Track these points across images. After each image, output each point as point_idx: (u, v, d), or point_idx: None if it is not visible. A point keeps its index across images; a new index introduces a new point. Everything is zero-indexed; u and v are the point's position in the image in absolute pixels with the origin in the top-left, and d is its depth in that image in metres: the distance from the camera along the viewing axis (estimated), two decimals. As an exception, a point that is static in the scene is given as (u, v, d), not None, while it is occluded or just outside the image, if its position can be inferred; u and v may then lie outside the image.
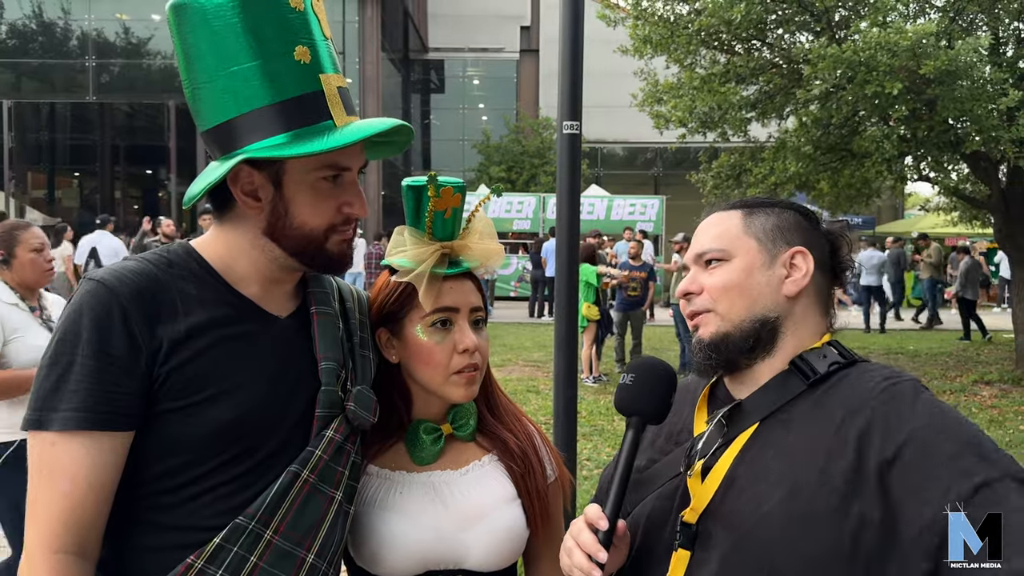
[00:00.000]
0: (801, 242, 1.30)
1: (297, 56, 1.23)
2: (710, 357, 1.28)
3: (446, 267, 1.47)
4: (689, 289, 1.32)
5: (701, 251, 1.32)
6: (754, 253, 1.29)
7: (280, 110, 1.23)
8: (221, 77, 1.23)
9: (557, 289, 3.76)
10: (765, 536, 1.12)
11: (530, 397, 8.82)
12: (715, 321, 1.28)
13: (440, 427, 1.52)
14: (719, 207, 1.38)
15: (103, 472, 1.19)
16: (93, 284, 1.22)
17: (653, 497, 1.31)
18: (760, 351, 1.26)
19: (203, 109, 1.27)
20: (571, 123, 3.59)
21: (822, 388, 1.21)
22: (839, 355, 1.25)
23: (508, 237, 21.12)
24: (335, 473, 1.34)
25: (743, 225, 1.31)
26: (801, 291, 1.27)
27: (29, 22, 25.42)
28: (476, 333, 1.49)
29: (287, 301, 1.39)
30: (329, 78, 1.27)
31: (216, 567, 1.22)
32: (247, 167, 1.26)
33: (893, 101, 8.93)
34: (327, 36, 1.31)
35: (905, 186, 15.73)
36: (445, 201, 1.46)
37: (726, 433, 1.26)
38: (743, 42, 10.83)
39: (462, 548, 1.45)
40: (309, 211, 1.28)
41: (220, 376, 1.24)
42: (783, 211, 1.33)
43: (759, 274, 1.27)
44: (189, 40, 1.24)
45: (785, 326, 1.27)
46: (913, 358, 12.39)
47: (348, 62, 25.14)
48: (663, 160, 31.12)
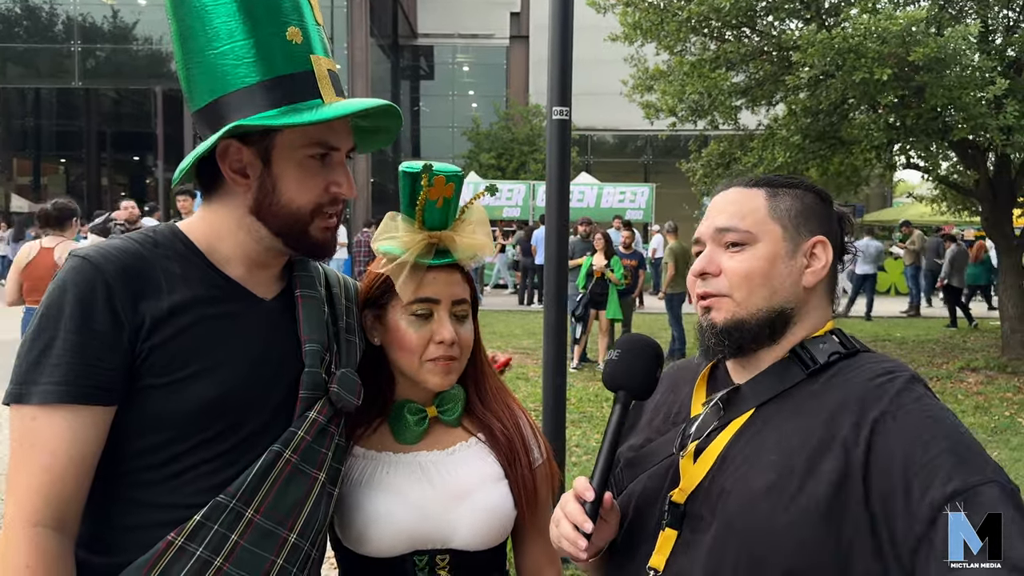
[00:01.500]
0: (820, 229, 1.26)
1: (289, 36, 1.25)
2: (722, 342, 1.24)
3: (431, 257, 1.47)
4: (707, 269, 1.26)
5: (723, 226, 1.26)
6: (779, 241, 1.24)
7: (270, 87, 1.24)
8: (213, 55, 1.25)
9: (547, 276, 3.76)
10: (751, 521, 1.13)
11: (519, 384, 8.83)
12: (730, 307, 1.24)
13: (425, 409, 1.53)
14: (738, 181, 1.33)
15: (84, 446, 1.19)
16: (78, 260, 1.22)
17: (646, 476, 1.32)
18: (770, 339, 1.24)
19: (195, 88, 1.28)
20: (560, 109, 3.58)
21: (822, 378, 1.20)
22: (840, 344, 1.23)
23: (498, 224, 21.09)
24: (318, 454, 1.35)
25: (768, 207, 1.26)
26: (819, 282, 1.25)
27: (13, 6, 25.12)
28: (459, 325, 1.49)
29: (272, 283, 1.39)
30: (320, 60, 1.29)
31: (196, 544, 1.22)
32: (236, 143, 1.27)
33: (882, 88, 8.93)
34: (319, 22, 1.33)
35: (893, 174, 15.80)
36: (438, 190, 1.46)
37: (722, 416, 1.25)
38: (733, 29, 10.81)
39: (448, 527, 1.45)
40: (296, 188, 1.29)
41: (203, 354, 1.25)
42: (805, 193, 1.29)
43: (782, 264, 1.23)
44: (184, 20, 1.26)
45: (798, 316, 1.25)
46: (900, 345, 12.47)
47: (336, 47, 24.97)
48: (653, 148, 31.13)
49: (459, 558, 1.46)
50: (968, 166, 11.05)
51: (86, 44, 25.26)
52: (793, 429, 1.16)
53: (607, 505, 1.23)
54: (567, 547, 1.21)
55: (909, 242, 17.16)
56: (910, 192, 17.98)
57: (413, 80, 34.92)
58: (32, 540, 1.16)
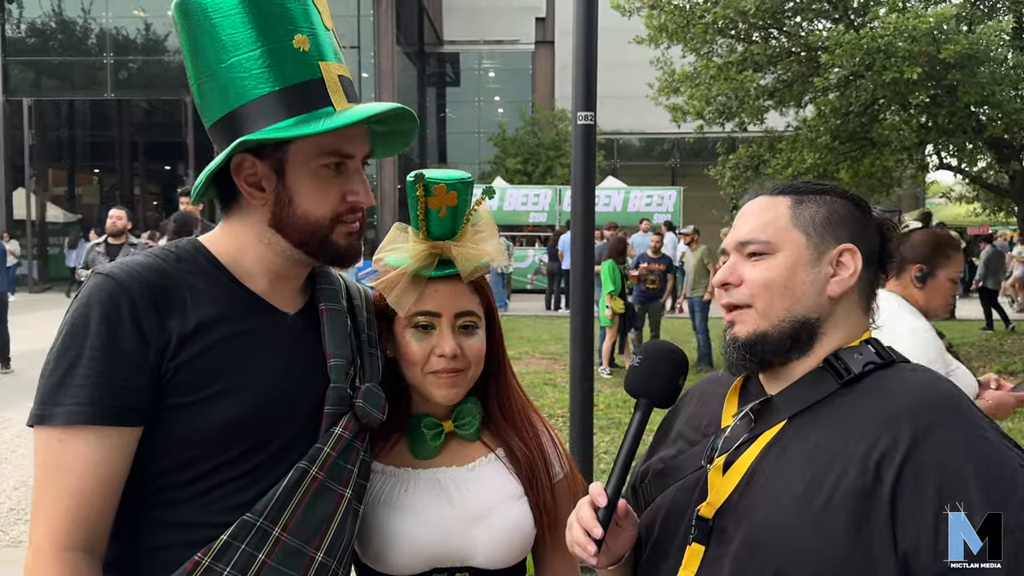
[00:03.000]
0: (850, 237, 1.22)
1: (296, 44, 1.23)
2: (744, 357, 1.22)
3: (433, 268, 1.43)
4: (728, 280, 1.25)
5: (744, 239, 1.25)
6: (800, 249, 1.21)
7: (279, 97, 1.23)
8: (222, 68, 1.23)
9: (572, 282, 3.74)
10: (775, 536, 1.10)
11: (546, 390, 8.80)
12: (752, 319, 1.22)
13: (441, 423, 1.50)
14: (765, 190, 1.30)
15: (112, 468, 1.17)
16: (102, 278, 1.20)
17: (675, 488, 1.29)
18: (796, 351, 1.21)
19: (207, 104, 1.27)
20: (586, 114, 3.57)
21: (855, 389, 1.16)
22: (876, 354, 1.19)
23: (524, 230, 21.09)
24: (344, 471, 1.33)
25: (791, 216, 1.23)
26: (846, 292, 1.21)
27: (48, 20, 25.63)
28: (464, 338, 1.45)
29: (295, 297, 1.38)
30: (330, 66, 1.27)
31: (224, 565, 1.20)
32: (250, 157, 1.25)
33: (912, 87, 8.81)
34: (329, 27, 1.31)
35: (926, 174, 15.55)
36: (439, 199, 1.42)
37: (753, 428, 1.21)
38: (760, 30, 10.73)
39: (468, 546, 1.43)
40: (312, 200, 1.27)
41: (228, 371, 1.23)
42: (835, 200, 1.25)
43: (804, 272, 1.20)
44: (193, 35, 1.25)
45: (825, 327, 1.21)
46: (935, 348, 12.24)
47: (363, 56, 25.16)
48: (680, 151, 30.95)
49: (478, 575, 1.45)
50: (1003, 165, 10.84)
51: (118, 56, 25.69)
52: (824, 442, 1.13)
53: (621, 512, 1.21)
54: (579, 552, 1.19)
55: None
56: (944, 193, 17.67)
57: (439, 87, 35.06)
58: (64, 565, 1.14)
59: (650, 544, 1.28)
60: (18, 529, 5.03)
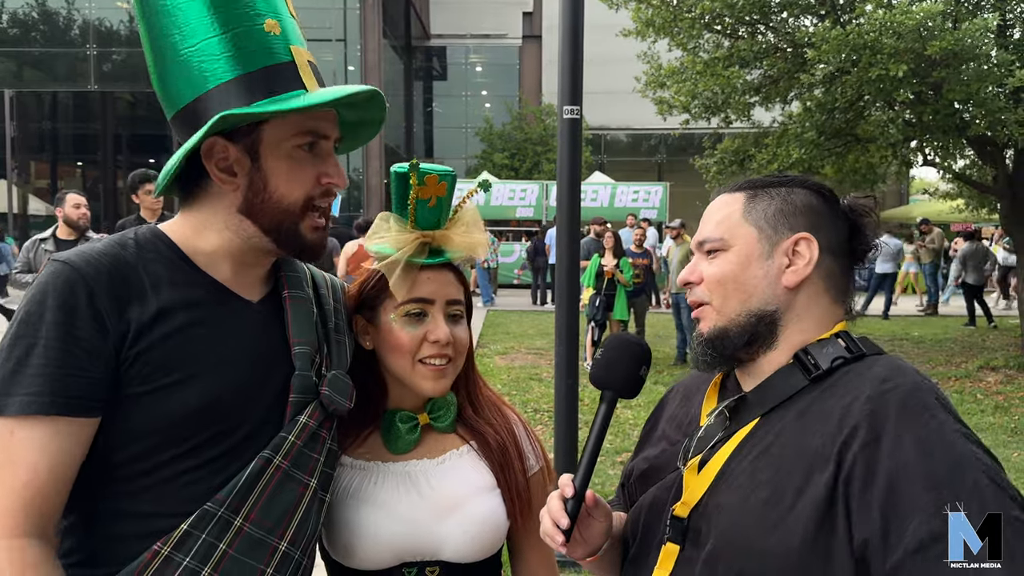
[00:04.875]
0: (808, 226, 1.21)
1: (267, 28, 1.22)
2: (707, 353, 1.24)
3: (425, 256, 1.44)
4: (689, 279, 1.28)
5: (701, 239, 1.27)
6: (752, 242, 1.22)
7: (251, 80, 1.21)
8: (187, 53, 1.21)
9: (558, 277, 3.73)
10: (740, 539, 1.09)
11: (532, 385, 8.80)
12: (712, 316, 1.23)
13: (416, 416, 1.50)
14: (727, 188, 1.31)
15: (65, 459, 1.14)
16: (58, 265, 1.18)
17: (655, 488, 1.29)
18: (759, 345, 1.21)
19: (171, 91, 1.24)
20: (571, 107, 3.55)
21: (825, 384, 1.15)
22: (845, 348, 1.18)
23: (511, 224, 21.07)
24: (309, 460, 1.31)
25: (743, 211, 1.24)
26: (804, 280, 1.20)
27: (31, 11, 25.34)
28: (454, 326, 1.46)
29: (259, 285, 1.36)
30: (300, 51, 1.26)
31: (183, 554, 1.18)
32: (221, 140, 1.23)
33: (898, 84, 8.83)
34: (293, 15, 1.30)
35: (910, 171, 15.65)
36: (429, 189, 1.44)
37: (728, 426, 1.21)
38: (746, 26, 10.74)
39: (437, 539, 1.42)
40: (287, 182, 1.25)
41: (189, 360, 1.21)
42: (792, 191, 1.25)
43: (756, 266, 1.21)
44: (154, 20, 1.23)
45: (785, 319, 1.20)
46: (917, 344, 12.35)
47: (350, 49, 25.05)
48: (667, 146, 31.02)
49: (450, 570, 1.43)
50: (986, 162, 10.92)
51: (102, 48, 25.45)
52: (791, 440, 1.12)
53: (590, 502, 1.21)
54: (549, 543, 1.20)
55: (928, 240, 17.00)
56: (926, 189, 17.79)
57: (426, 81, 34.96)
58: (16, 551, 1.11)
59: (634, 543, 1.28)
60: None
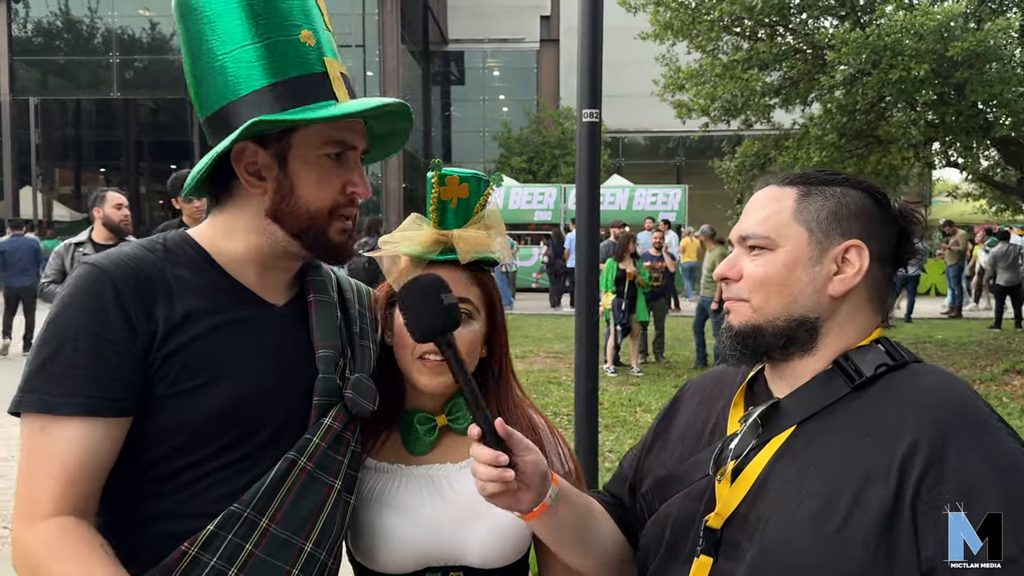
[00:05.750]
0: (860, 232, 1.16)
1: (302, 39, 1.24)
2: (736, 348, 1.19)
3: (436, 254, 1.45)
4: (727, 274, 1.21)
5: (745, 233, 1.20)
6: (802, 245, 1.16)
7: (282, 89, 1.23)
8: (223, 59, 1.23)
9: (577, 280, 3.72)
10: (791, 553, 1.05)
11: (551, 389, 8.78)
12: (746, 312, 1.18)
13: (434, 418, 1.49)
14: (776, 178, 1.25)
15: (95, 457, 1.16)
16: (88, 267, 1.20)
17: (681, 496, 1.24)
18: (796, 348, 1.17)
19: (205, 95, 1.27)
20: (590, 111, 3.54)
21: (868, 392, 1.12)
22: (888, 355, 1.14)
23: (529, 228, 21.07)
24: (334, 462, 1.33)
25: (795, 209, 1.17)
26: (851, 290, 1.16)
27: (54, 20, 25.71)
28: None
29: (284, 289, 1.38)
30: (333, 63, 1.28)
31: (210, 555, 1.20)
32: (252, 145, 1.25)
33: (920, 85, 8.76)
34: (329, 28, 1.32)
35: (932, 173, 15.50)
36: (451, 191, 1.45)
37: (761, 434, 1.16)
38: (766, 28, 10.69)
39: (460, 544, 1.41)
40: (314, 189, 1.27)
41: (214, 363, 1.22)
42: (847, 192, 1.18)
43: (803, 270, 1.15)
44: (194, 26, 1.25)
45: (827, 327, 1.16)
46: (941, 347, 12.20)
47: (368, 55, 25.18)
48: (685, 149, 30.90)
49: (474, 575, 1.43)
50: (1010, 163, 10.79)
51: (124, 56, 25.77)
52: (839, 450, 1.08)
53: (501, 431, 1.13)
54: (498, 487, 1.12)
55: (952, 242, 16.80)
56: (950, 191, 17.60)
57: (444, 86, 35.06)
58: (44, 530, 1.12)
59: (657, 555, 1.24)
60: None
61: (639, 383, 9.38)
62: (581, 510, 1.29)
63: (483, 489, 1.14)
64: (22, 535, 1.14)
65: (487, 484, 1.13)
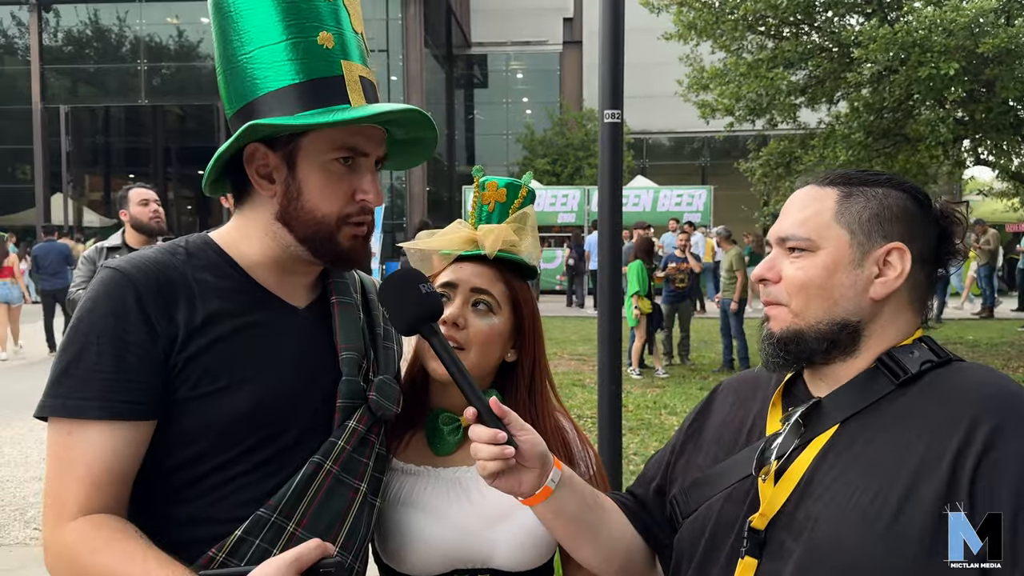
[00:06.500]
0: (901, 234, 1.14)
1: (320, 40, 1.24)
2: (778, 355, 1.17)
3: (466, 251, 1.49)
4: (765, 276, 1.20)
5: (785, 235, 1.18)
6: (843, 247, 1.14)
7: (299, 91, 1.23)
8: (246, 58, 1.24)
9: (600, 282, 3.70)
10: (843, 550, 1.03)
11: (576, 391, 8.75)
12: (787, 318, 1.17)
13: (459, 418, 1.49)
14: (816, 177, 1.23)
15: (121, 460, 1.16)
16: (109, 272, 1.21)
17: (721, 498, 1.23)
18: (838, 352, 1.15)
19: (230, 92, 1.28)
20: (612, 111, 3.52)
21: (913, 389, 1.10)
22: (932, 352, 1.13)
23: (553, 230, 21.05)
24: (359, 464, 1.32)
25: (836, 211, 1.16)
26: (892, 292, 1.14)
27: (84, 29, 26.14)
28: (476, 316, 1.45)
29: (306, 292, 1.37)
30: (352, 66, 1.27)
31: (238, 560, 1.20)
32: (262, 147, 1.25)
33: (949, 83, 8.63)
34: (358, 31, 1.31)
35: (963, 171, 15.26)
36: (489, 195, 1.52)
37: (803, 434, 1.15)
38: (791, 26, 10.59)
39: (488, 547, 1.41)
40: (320, 194, 1.26)
41: (236, 366, 1.23)
42: (889, 193, 1.17)
43: (844, 273, 1.14)
44: (222, 24, 1.26)
45: (869, 329, 1.15)
46: (972, 348, 12.00)
47: (392, 60, 25.31)
48: (710, 149, 30.71)
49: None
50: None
51: (152, 63, 26.12)
52: (886, 447, 1.07)
53: (498, 410, 1.14)
54: (499, 465, 1.13)
55: (983, 241, 16.53)
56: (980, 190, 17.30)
57: (467, 89, 35.15)
58: (79, 523, 1.12)
59: (696, 557, 1.22)
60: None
61: (664, 385, 9.32)
62: (588, 500, 1.28)
63: (484, 469, 1.15)
64: (52, 537, 1.15)
65: (488, 463, 1.13)
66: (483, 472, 1.15)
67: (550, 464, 1.19)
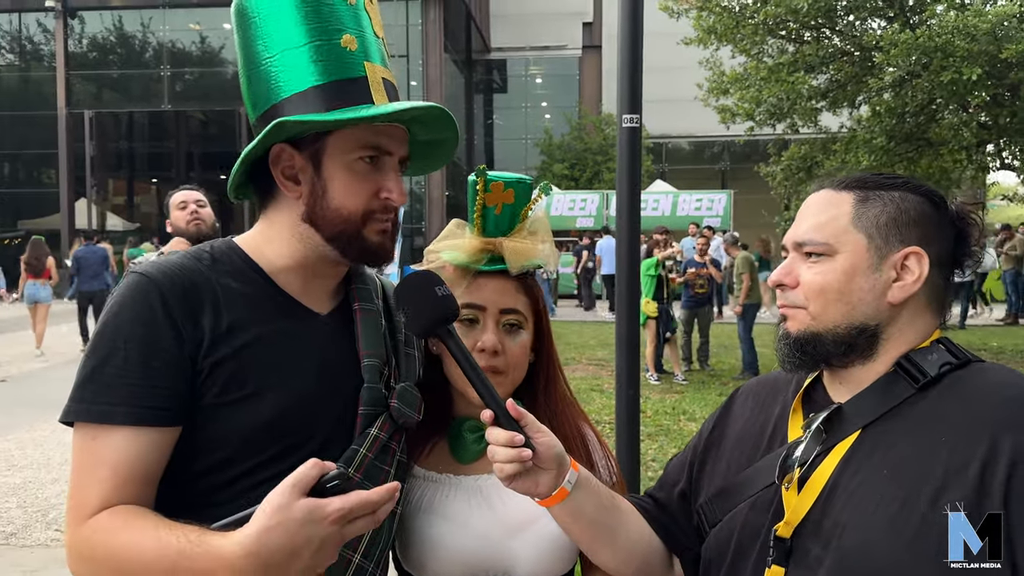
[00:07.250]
0: (919, 237, 1.14)
1: (344, 43, 1.25)
2: (794, 355, 1.18)
3: (483, 263, 1.44)
4: (783, 280, 1.20)
5: (801, 239, 1.18)
6: (861, 252, 1.14)
7: (322, 91, 1.24)
8: (270, 62, 1.26)
9: (618, 287, 3.69)
10: (871, 557, 1.03)
11: (594, 396, 8.74)
12: (805, 320, 1.17)
13: (484, 426, 1.48)
14: (831, 181, 1.22)
15: (145, 465, 1.17)
16: (136, 277, 1.22)
17: (746, 507, 1.22)
18: (856, 355, 1.15)
19: (253, 96, 1.29)
20: (631, 116, 3.52)
21: (933, 392, 1.10)
22: (950, 354, 1.12)
23: (571, 235, 21.03)
24: (380, 472, 1.32)
25: (853, 215, 1.16)
26: (910, 296, 1.14)
27: (109, 35, 26.45)
28: (507, 337, 1.43)
29: (329, 298, 1.38)
30: (375, 68, 1.28)
31: None
32: (288, 148, 1.26)
33: (972, 87, 8.54)
34: (379, 35, 1.32)
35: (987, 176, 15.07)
36: (495, 196, 1.44)
37: (825, 440, 1.14)
38: (812, 30, 10.53)
39: (510, 555, 1.40)
40: (345, 193, 1.27)
41: (260, 373, 1.23)
42: (905, 196, 1.16)
43: (863, 278, 1.14)
44: (244, 29, 1.28)
45: (887, 333, 1.15)
46: (997, 355, 11.84)
47: (412, 65, 25.40)
48: (730, 154, 30.57)
49: None
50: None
51: (175, 69, 26.38)
52: (911, 452, 1.06)
53: (515, 413, 1.15)
54: (515, 467, 1.13)
55: (1009, 247, 16.30)
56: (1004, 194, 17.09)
57: (487, 94, 35.20)
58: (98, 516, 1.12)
59: (724, 567, 1.22)
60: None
61: (683, 391, 9.28)
62: (605, 502, 1.28)
63: (501, 471, 1.15)
64: (74, 537, 1.15)
65: (505, 465, 1.14)
66: (500, 474, 1.16)
67: (567, 465, 1.20)
